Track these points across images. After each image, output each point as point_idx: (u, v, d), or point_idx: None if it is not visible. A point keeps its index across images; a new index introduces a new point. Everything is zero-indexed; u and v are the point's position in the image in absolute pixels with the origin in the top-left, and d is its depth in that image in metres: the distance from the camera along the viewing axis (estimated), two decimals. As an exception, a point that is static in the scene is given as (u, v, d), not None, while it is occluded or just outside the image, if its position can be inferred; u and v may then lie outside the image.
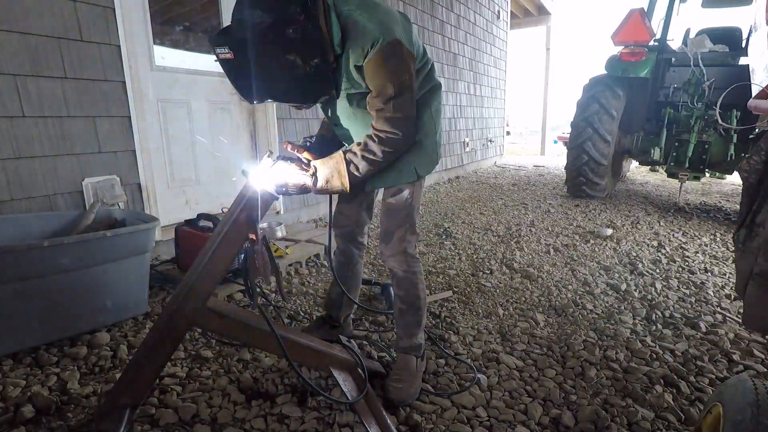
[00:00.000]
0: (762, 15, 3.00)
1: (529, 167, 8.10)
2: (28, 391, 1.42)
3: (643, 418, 1.42)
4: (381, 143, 1.31)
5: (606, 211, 4.41)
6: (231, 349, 1.74)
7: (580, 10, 51.13)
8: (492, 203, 4.78)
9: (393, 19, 1.26)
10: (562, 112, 8.98)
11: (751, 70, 3.61)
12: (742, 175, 1.08)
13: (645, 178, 6.91)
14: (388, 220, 1.51)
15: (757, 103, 1.36)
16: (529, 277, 2.61)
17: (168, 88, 2.75)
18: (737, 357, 1.79)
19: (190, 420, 1.34)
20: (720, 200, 5.17)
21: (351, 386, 1.38)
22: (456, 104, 6.43)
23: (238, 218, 1.17)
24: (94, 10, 2.22)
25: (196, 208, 2.92)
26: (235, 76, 1.19)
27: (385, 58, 1.23)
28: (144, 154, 2.51)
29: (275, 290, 2.33)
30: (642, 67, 4.64)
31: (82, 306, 1.74)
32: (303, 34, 1.12)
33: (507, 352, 1.80)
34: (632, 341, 1.89)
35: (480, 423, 1.39)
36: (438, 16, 5.66)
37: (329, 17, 1.19)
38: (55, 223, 2.02)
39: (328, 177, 1.32)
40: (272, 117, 3.32)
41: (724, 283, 2.60)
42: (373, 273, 2.64)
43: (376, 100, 1.29)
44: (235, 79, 1.19)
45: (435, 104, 1.49)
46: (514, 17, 9.94)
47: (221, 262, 1.17)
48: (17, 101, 1.99)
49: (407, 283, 1.54)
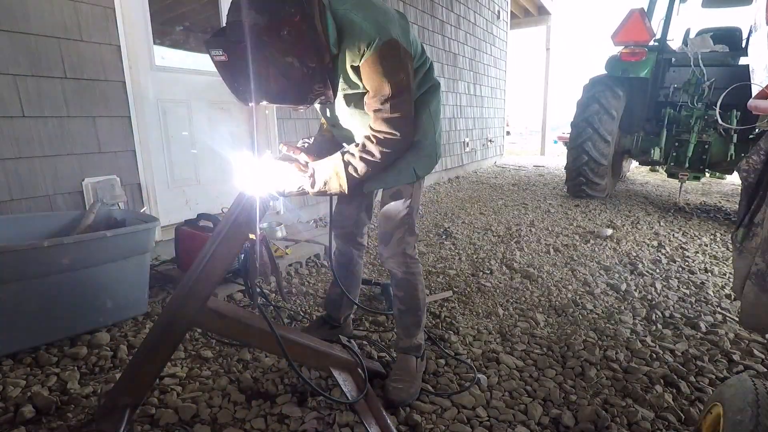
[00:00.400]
0: (762, 15, 3.00)
1: (529, 167, 8.10)
2: (28, 391, 1.42)
3: (643, 418, 1.42)
4: (379, 144, 1.30)
5: (606, 211, 4.41)
6: (231, 349, 1.74)
7: (580, 10, 51.18)
8: (492, 203, 4.78)
9: (389, 19, 1.24)
10: (562, 112, 8.97)
11: (751, 70, 3.61)
12: (741, 174, 1.08)
13: (645, 178, 6.91)
14: (386, 221, 1.50)
15: (757, 103, 1.36)
16: (529, 277, 2.61)
17: (168, 88, 2.75)
18: (737, 357, 1.79)
19: (190, 420, 1.34)
20: (720, 200, 5.17)
21: (351, 386, 1.38)
22: (456, 104, 6.43)
23: (238, 219, 1.17)
24: (94, 10, 2.22)
25: (196, 208, 2.92)
26: (229, 78, 1.17)
27: (382, 58, 1.22)
28: (144, 154, 2.51)
29: (275, 290, 2.33)
30: (642, 67, 4.64)
31: (82, 306, 1.74)
32: (298, 36, 1.11)
33: (507, 352, 1.80)
34: (632, 341, 1.89)
35: (480, 423, 1.39)
36: (438, 16, 5.66)
37: (325, 17, 1.18)
38: (55, 223, 2.02)
39: (326, 179, 1.31)
40: (272, 117, 3.32)
41: (724, 283, 2.60)
42: (373, 273, 2.64)
43: (373, 101, 1.28)
44: (229, 81, 1.18)
45: (434, 104, 1.48)
46: (514, 17, 9.94)
47: (221, 262, 1.16)
48: (17, 101, 1.99)
49: (406, 284, 1.54)
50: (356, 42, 1.20)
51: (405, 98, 1.29)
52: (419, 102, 1.43)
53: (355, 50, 1.21)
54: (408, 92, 1.29)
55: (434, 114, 1.48)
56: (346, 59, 1.24)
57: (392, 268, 1.54)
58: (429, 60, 1.49)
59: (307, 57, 1.15)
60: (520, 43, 12.52)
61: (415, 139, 1.41)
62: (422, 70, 1.44)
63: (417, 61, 1.39)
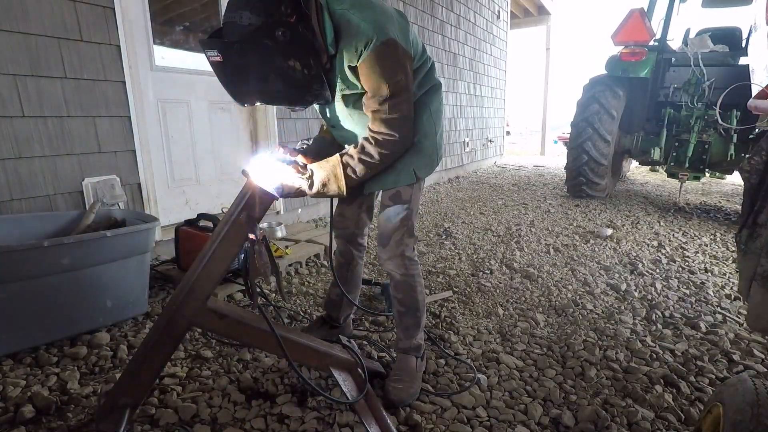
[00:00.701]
0: (762, 15, 3.00)
1: (529, 167, 8.10)
2: (28, 391, 1.42)
3: (643, 418, 1.42)
4: (378, 145, 1.28)
5: (606, 211, 4.41)
6: (231, 349, 1.74)
7: (580, 10, 51.09)
8: (492, 203, 4.78)
9: (387, 18, 1.23)
10: (562, 112, 8.97)
11: (751, 70, 3.62)
12: (744, 175, 1.08)
13: (645, 178, 6.91)
14: (385, 223, 1.49)
15: (757, 103, 1.36)
16: (529, 277, 2.61)
17: (168, 88, 2.75)
18: (737, 357, 1.79)
19: (190, 420, 1.34)
20: (720, 200, 5.17)
21: (351, 386, 1.38)
22: (456, 104, 6.43)
23: (238, 218, 1.16)
24: (94, 10, 2.22)
25: (196, 208, 2.92)
26: (224, 78, 1.15)
27: (379, 58, 1.20)
28: (144, 154, 2.51)
29: (275, 290, 2.33)
30: (642, 67, 4.64)
31: (82, 306, 1.74)
32: (294, 36, 1.09)
33: (507, 352, 1.80)
34: (632, 341, 1.89)
35: (480, 423, 1.39)
36: (438, 16, 5.66)
37: (322, 17, 1.17)
38: (55, 223, 2.02)
39: (325, 181, 1.30)
40: (272, 117, 3.32)
41: (724, 283, 2.60)
42: (373, 273, 2.64)
43: (371, 101, 1.26)
44: (224, 81, 1.16)
45: (435, 104, 1.46)
46: (514, 17, 9.94)
47: (221, 262, 1.16)
48: (17, 101, 1.99)
49: (405, 286, 1.53)
50: (353, 42, 1.19)
51: (404, 99, 1.27)
52: (420, 102, 1.41)
53: (353, 50, 1.20)
54: (407, 93, 1.28)
55: (435, 115, 1.46)
56: (344, 59, 1.23)
57: (391, 270, 1.53)
58: (430, 60, 1.47)
59: (304, 57, 1.14)
60: (520, 43, 12.53)
61: (416, 140, 1.40)
62: (423, 70, 1.42)
63: (417, 60, 1.38)
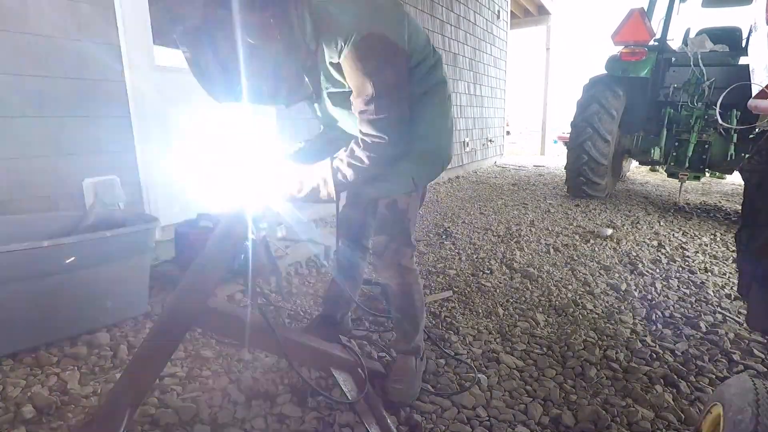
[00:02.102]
0: (762, 15, 2.99)
1: (529, 167, 8.10)
2: (28, 391, 1.42)
3: (643, 418, 1.42)
4: (366, 149, 1.19)
5: (606, 211, 4.41)
6: (231, 349, 1.74)
7: (580, 10, 50.91)
8: (492, 203, 4.78)
9: (373, 8, 1.12)
10: (562, 112, 8.97)
11: (751, 70, 3.61)
12: (744, 175, 1.09)
13: (645, 178, 6.91)
14: (381, 232, 1.41)
15: (757, 103, 1.37)
16: (529, 277, 2.61)
17: (168, 88, 2.75)
18: (737, 357, 1.79)
19: (190, 420, 1.34)
20: (720, 200, 5.17)
21: (351, 386, 1.38)
22: (456, 104, 6.43)
23: (237, 216, 1.17)
24: (94, 10, 2.21)
25: (197, 208, 2.91)
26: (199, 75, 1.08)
27: (362, 54, 1.09)
28: (144, 154, 2.51)
29: (275, 290, 2.33)
30: (642, 67, 4.64)
31: (82, 306, 1.74)
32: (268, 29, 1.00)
33: (507, 352, 1.80)
34: (632, 341, 1.89)
35: (480, 423, 1.39)
36: (438, 16, 5.66)
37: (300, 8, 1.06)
38: (55, 223, 2.01)
39: (314, 185, 1.25)
40: (272, 117, 3.31)
41: (724, 282, 2.60)
42: (373, 273, 2.64)
43: (357, 101, 1.17)
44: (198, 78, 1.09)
45: (439, 103, 1.34)
46: (514, 17, 9.93)
47: (221, 262, 1.16)
48: (17, 101, 1.99)
49: (402, 294, 1.47)
50: (333, 36, 1.09)
51: (392, 98, 1.16)
52: (420, 102, 1.29)
53: (333, 45, 1.10)
54: (396, 91, 1.17)
55: (439, 115, 1.34)
56: (325, 55, 1.13)
57: (387, 281, 1.46)
58: (436, 54, 1.34)
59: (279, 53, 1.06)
60: (520, 43, 12.48)
61: (415, 145, 1.29)
62: (426, 66, 1.29)
63: (419, 54, 1.26)
